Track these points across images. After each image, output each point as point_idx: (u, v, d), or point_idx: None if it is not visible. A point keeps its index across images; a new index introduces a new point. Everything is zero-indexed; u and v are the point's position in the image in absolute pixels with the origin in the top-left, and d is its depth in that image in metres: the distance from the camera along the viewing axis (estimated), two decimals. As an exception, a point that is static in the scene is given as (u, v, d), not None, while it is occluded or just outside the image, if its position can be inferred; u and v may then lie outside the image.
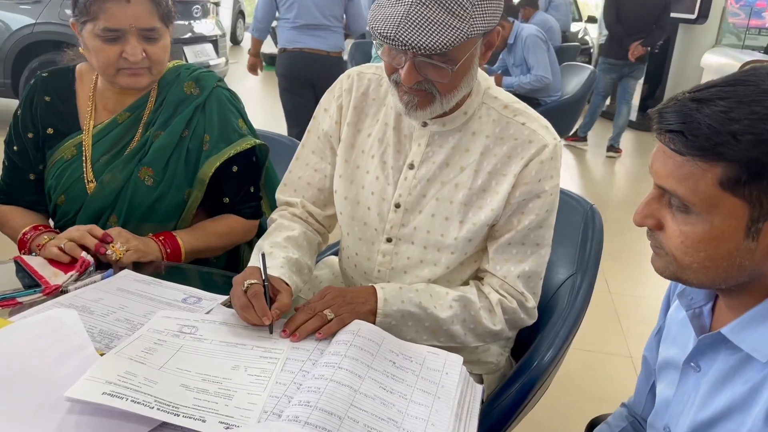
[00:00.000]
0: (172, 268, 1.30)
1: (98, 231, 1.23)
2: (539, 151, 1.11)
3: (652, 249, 0.79)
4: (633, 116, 7.15)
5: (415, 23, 0.96)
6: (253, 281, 1.03)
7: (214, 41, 6.06)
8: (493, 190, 1.13)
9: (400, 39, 0.97)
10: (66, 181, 1.39)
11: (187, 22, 5.63)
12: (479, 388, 1.00)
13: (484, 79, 1.17)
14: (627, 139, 6.47)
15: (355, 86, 1.24)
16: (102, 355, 0.89)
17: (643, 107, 7.20)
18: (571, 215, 1.46)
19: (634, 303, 3.06)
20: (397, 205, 1.17)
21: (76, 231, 1.22)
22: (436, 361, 1.01)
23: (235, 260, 1.61)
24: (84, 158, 1.39)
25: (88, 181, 1.38)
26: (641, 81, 5.83)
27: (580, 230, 1.42)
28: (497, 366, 1.31)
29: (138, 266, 1.26)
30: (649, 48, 5.37)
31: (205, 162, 1.41)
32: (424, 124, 1.15)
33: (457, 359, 1.01)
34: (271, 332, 1.01)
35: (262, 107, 7.52)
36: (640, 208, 0.77)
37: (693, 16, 6.50)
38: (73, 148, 1.40)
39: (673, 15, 6.65)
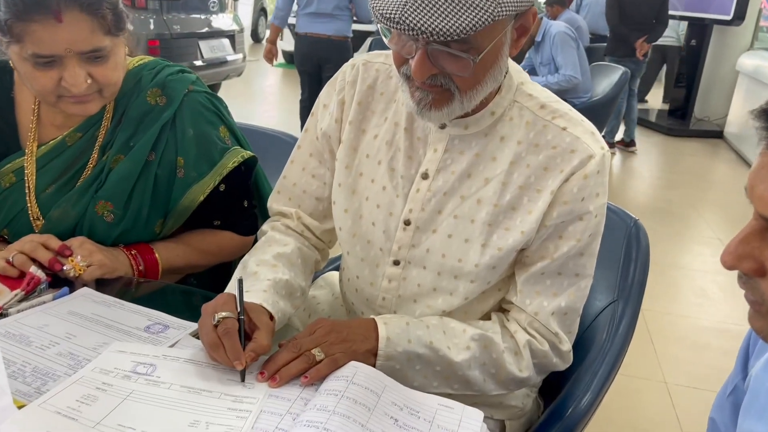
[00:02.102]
0: (144, 285, 1.12)
1: (54, 242, 1.04)
2: (583, 162, 0.91)
3: (747, 302, 0.59)
4: (654, 117, 6.90)
5: (426, 1, 0.77)
6: (225, 314, 0.84)
7: (231, 36, 5.92)
8: (525, 208, 0.93)
9: (408, 22, 0.77)
10: (7, 214, 1.14)
11: (203, 16, 5.50)
12: (502, 452, 0.81)
13: (516, 72, 0.97)
14: (653, 144, 6.21)
15: (360, 78, 1.04)
16: (21, 407, 0.71)
17: (674, 112, 6.92)
18: (611, 232, 1.24)
19: (668, 322, 2.83)
20: (407, 222, 0.98)
21: (29, 242, 1.04)
22: (450, 418, 0.81)
23: (224, 276, 1.37)
24: (27, 188, 1.13)
25: (33, 218, 1.14)
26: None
27: (621, 249, 1.21)
28: (522, 410, 1.11)
29: (104, 283, 1.08)
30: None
31: (185, 192, 1.18)
32: (443, 126, 0.96)
33: (477, 415, 0.81)
34: (243, 380, 0.82)
35: (281, 105, 7.38)
36: (733, 245, 0.56)
37: (728, 17, 6.21)
38: (12, 175, 1.13)
39: (706, 16, 6.39)
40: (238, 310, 0.86)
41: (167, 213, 1.19)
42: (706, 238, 3.89)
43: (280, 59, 10.81)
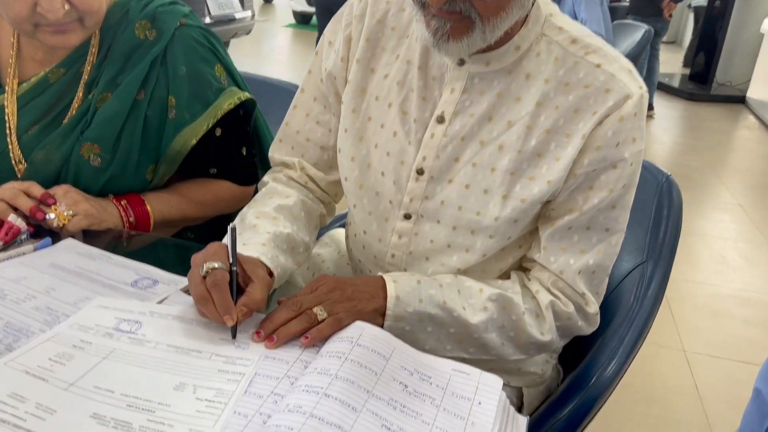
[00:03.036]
0: (136, 239, 1.04)
1: (37, 190, 0.96)
2: (619, 103, 0.81)
3: None
4: (675, 82, 6.70)
5: None
6: (215, 264, 0.76)
7: (241, -8, 5.77)
8: (552, 155, 0.83)
9: None
10: None
11: (211, -30, 5.35)
12: (522, 422, 0.73)
13: (545, 2, 0.86)
14: (673, 109, 6.05)
15: (369, 11, 0.94)
16: (-14, 365, 0.64)
17: (696, 76, 6.72)
18: (640, 188, 1.14)
19: (687, 289, 2.74)
20: (420, 172, 0.89)
21: (9, 189, 0.95)
22: (466, 385, 0.73)
23: (224, 229, 1.29)
24: (7, 129, 1.04)
25: (15, 161, 1.05)
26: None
27: (652, 207, 1.11)
28: (542, 378, 1.03)
29: (92, 235, 1.00)
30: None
31: (176, 134, 1.08)
32: (461, 63, 0.86)
33: (495, 382, 0.73)
34: (233, 338, 0.74)
35: (291, 65, 7.23)
36: None
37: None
38: None
39: (732, -23, 6.16)
40: (231, 260, 0.78)
41: (159, 158, 1.10)
42: (726, 205, 3.77)
43: (290, 20, 10.65)
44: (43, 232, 0.96)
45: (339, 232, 1.25)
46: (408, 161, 0.89)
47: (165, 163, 1.10)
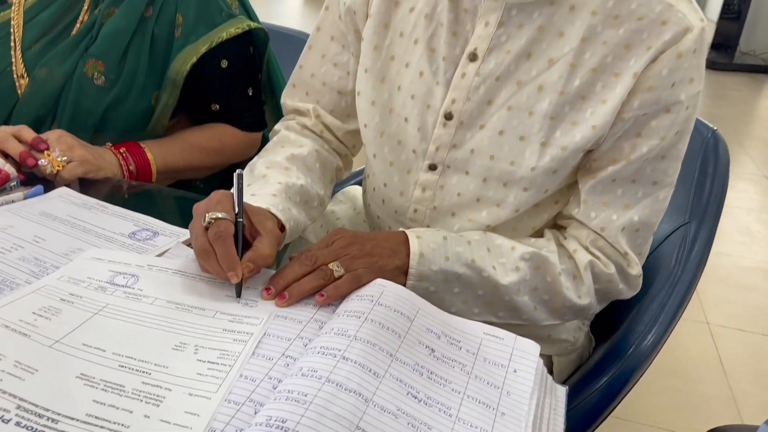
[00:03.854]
0: (139, 191, 0.96)
1: (28, 133, 0.88)
2: (677, 37, 0.71)
3: None
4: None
5: None
6: (219, 214, 0.68)
7: None
8: (598, 97, 0.74)
9: None
10: None
11: None
12: (561, 392, 0.65)
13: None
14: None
15: None
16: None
17: (719, 45, 6.51)
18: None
19: (710, 261, 2.63)
20: (448, 116, 0.80)
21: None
22: (500, 351, 0.65)
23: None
24: (12, 42, 1.00)
25: (18, 75, 1.00)
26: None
27: (696, 164, 1.02)
28: (573, 345, 0.95)
29: (89, 185, 0.92)
30: None
31: (177, 54, 1.02)
32: (496, -7, 0.76)
33: (532, 348, 0.66)
34: (238, 296, 0.66)
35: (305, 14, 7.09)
36: None
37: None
38: None
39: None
40: (236, 211, 0.70)
41: (162, 81, 1.03)
42: (750, 175, 3.65)
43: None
44: (35, 181, 0.88)
45: (355, 189, 1.17)
46: (435, 105, 0.81)
47: (167, 87, 1.03)
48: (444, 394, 0.57)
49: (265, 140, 1.17)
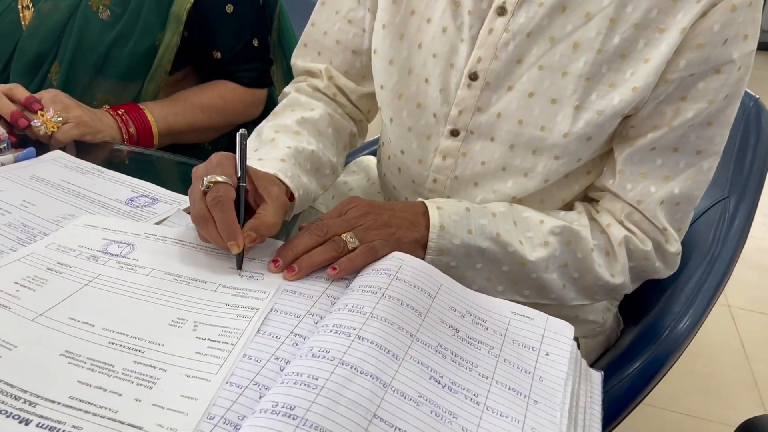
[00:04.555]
0: (139, 157, 0.90)
1: (21, 92, 0.82)
2: None
3: None
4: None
5: None
6: (219, 178, 0.62)
7: None
8: (640, 55, 0.67)
9: None
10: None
11: None
12: (597, 378, 0.59)
13: None
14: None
15: None
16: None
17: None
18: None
19: (731, 243, 2.57)
20: (473, 76, 0.73)
21: (-9, 90, 0.82)
22: (529, 332, 0.59)
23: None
24: None
25: (23, 6, 0.95)
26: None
27: (737, 134, 0.95)
28: (602, 327, 0.89)
29: (86, 150, 0.86)
30: None
31: None
32: (527, -60, 0.69)
33: (565, 330, 0.59)
34: (239, 268, 0.60)
35: None
36: None
37: None
38: None
39: None
40: (239, 174, 0.64)
41: (166, 21, 0.98)
42: (772, 156, 3.55)
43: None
44: (28, 143, 0.82)
45: (368, 159, 1.11)
46: (459, 64, 0.74)
47: (171, 23, 0.98)
48: (470, 379, 0.51)
49: (273, 103, 1.11)
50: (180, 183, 0.81)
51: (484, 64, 0.72)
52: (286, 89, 0.90)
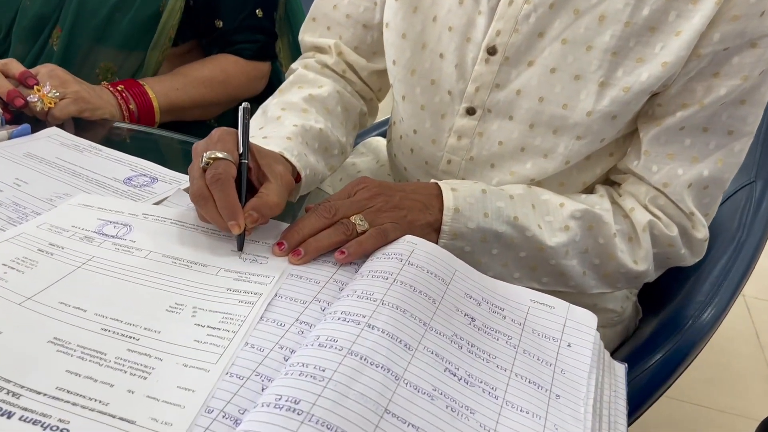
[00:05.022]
0: (140, 135, 0.87)
1: (15, 66, 0.79)
2: None
3: None
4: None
5: None
6: (219, 154, 0.58)
7: None
8: (671, 27, 0.63)
9: None
10: None
11: None
12: (621, 370, 0.56)
13: None
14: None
15: None
16: None
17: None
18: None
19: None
20: (491, 51, 0.69)
21: (-18, 67, 0.79)
22: (550, 321, 0.55)
23: None
24: None
25: None
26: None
27: (765, 115, 0.90)
28: (620, 316, 0.85)
29: (84, 128, 0.83)
30: None
31: None
32: None
33: (588, 319, 0.56)
34: (240, 250, 0.57)
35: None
36: None
37: None
38: None
39: None
40: (241, 151, 0.60)
41: None
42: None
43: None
44: (23, 120, 0.79)
45: (377, 141, 1.07)
46: (476, 38, 0.70)
47: None
48: (488, 371, 0.48)
49: (279, 81, 1.07)
50: (182, 162, 0.77)
51: (504, 37, 0.68)
52: (294, 65, 0.86)
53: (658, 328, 0.79)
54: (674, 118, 0.66)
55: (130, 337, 0.45)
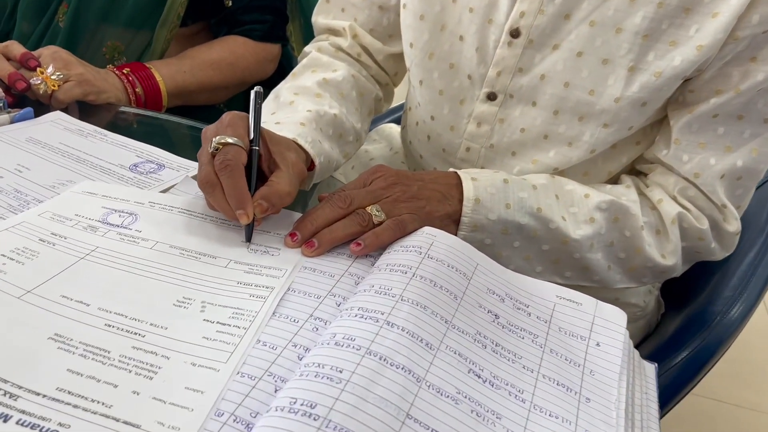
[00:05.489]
0: (147, 120, 0.84)
1: (16, 48, 0.76)
2: None
3: None
4: None
5: None
6: (229, 139, 0.55)
7: None
8: (707, 9, 0.59)
9: None
10: None
11: None
12: (651, 371, 0.53)
13: None
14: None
15: None
16: None
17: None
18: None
19: None
20: (515, 33, 0.66)
21: (-18, 51, 0.76)
22: (577, 318, 0.52)
23: None
24: None
25: None
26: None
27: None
28: (643, 311, 0.82)
29: (89, 113, 0.80)
30: None
31: None
32: None
33: (617, 316, 0.53)
34: (248, 240, 0.54)
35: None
36: None
37: None
38: None
39: None
40: (251, 136, 0.57)
41: None
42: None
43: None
44: (26, 103, 0.76)
45: (390, 127, 1.03)
46: (498, 19, 0.66)
47: None
48: (514, 373, 0.45)
49: (290, 65, 1.04)
50: (190, 148, 0.75)
51: (528, 19, 0.64)
52: (307, 48, 0.83)
53: (683, 324, 0.76)
54: (707, 105, 0.63)
55: (136, 334, 0.42)
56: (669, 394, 0.70)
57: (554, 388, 0.45)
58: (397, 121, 1.08)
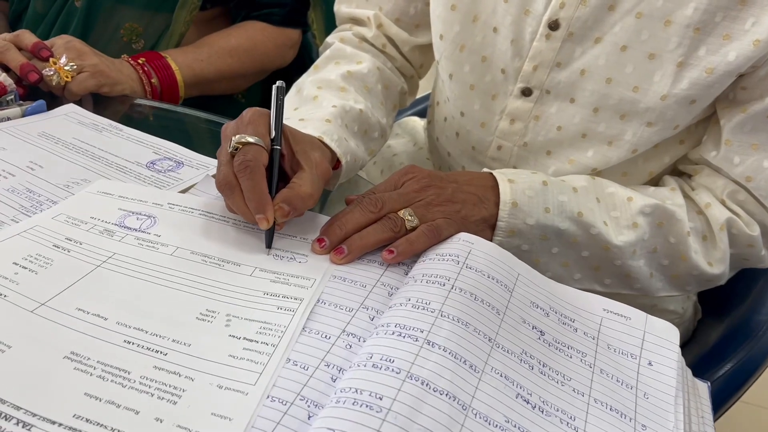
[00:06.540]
0: (164, 113, 0.81)
1: (28, 37, 0.73)
2: None
3: None
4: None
5: None
6: (249, 138, 0.52)
7: None
8: (764, 1, 0.55)
9: None
10: None
11: None
12: (704, 391, 0.50)
13: None
14: None
15: None
16: None
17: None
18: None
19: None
20: (554, 25, 0.62)
21: (-3, 37, 0.73)
22: (626, 334, 0.49)
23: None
24: None
25: None
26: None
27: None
28: (681, 318, 0.79)
29: (103, 105, 0.76)
30: None
31: None
32: None
33: (669, 332, 0.50)
34: (268, 247, 0.51)
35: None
36: None
37: None
38: None
39: None
40: (273, 135, 0.53)
41: None
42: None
43: None
44: (38, 95, 0.73)
45: (413, 121, 1.00)
46: (536, 10, 0.62)
47: None
48: (564, 397, 0.42)
49: (309, 56, 1.00)
50: (210, 144, 0.71)
51: (568, 10, 0.60)
52: (329, 39, 0.79)
53: (726, 333, 0.72)
54: (762, 103, 0.59)
55: (158, 352, 0.39)
56: (713, 409, 0.66)
57: (607, 414, 0.42)
58: (420, 114, 1.04)
